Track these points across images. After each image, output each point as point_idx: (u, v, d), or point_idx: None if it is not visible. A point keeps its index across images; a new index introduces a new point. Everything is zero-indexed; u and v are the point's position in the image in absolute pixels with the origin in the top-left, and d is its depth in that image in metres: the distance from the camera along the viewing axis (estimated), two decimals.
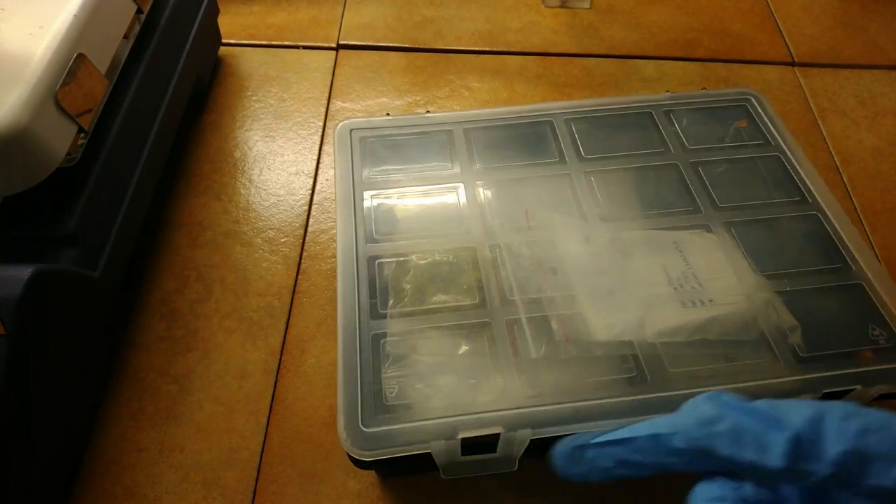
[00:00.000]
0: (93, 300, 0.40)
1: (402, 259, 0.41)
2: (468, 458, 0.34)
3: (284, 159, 0.58)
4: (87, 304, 0.40)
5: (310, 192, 0.56)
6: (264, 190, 0.56)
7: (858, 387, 0.35)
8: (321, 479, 0.41)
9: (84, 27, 0.39)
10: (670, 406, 0.31)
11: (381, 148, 0.47)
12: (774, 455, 0.25)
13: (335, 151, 0.47)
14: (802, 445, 0.25)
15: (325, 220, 0.54)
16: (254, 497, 0.40)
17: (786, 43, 0.69)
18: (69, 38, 0.38)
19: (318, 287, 0.49)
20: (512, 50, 0.68)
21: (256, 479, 0.41)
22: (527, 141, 0.48)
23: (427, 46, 0.68)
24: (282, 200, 0.55)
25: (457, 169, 0.47)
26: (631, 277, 0.40)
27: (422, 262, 0.40)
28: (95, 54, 0.40)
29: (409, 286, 0.39)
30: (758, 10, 0.73)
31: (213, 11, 0.61)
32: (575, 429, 0.33)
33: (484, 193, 0.45)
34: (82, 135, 0.39)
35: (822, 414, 0.25)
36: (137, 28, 0.48)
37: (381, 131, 0.48)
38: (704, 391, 0.30)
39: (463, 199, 0.45)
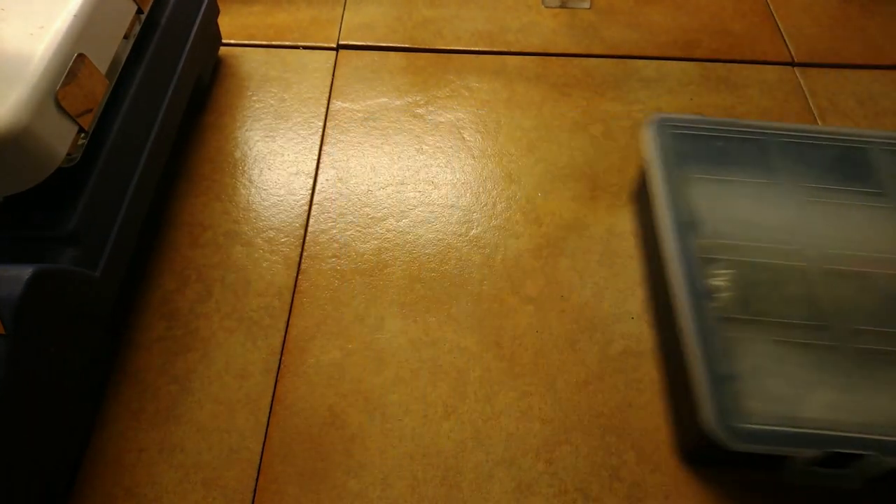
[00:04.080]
0: (93, 300, 0.40)
1: (733, 261, 0.41)
2: (822, 469, 0.36)
3: (284, 159, 0.58)
4: (87, 304, 0.40)
5: (310, 192, 0.56)
6: (264, 190, 0.56)
7: None
8: (321, 479, 0.41)
9: (84, 27, 0.39)
10: None
11: (694, 148, 0.47)
12: None
13: (651, 147, 0.46)
14: None
15: (325, 220, 0.54)
16: (254, 496, 0.40)
17: (785, 43, 0.69)
18: (69, 39, 0.38)
19: (319, 287, 0.49)
20: (512, 50, 0.68)
21: (257, 479, 0.41)
22: (839, 164, 0.46)
23: (427, 46, 0.68)
24: (282, 200, 0.55)
25: (779, 181, 0.46)
26: None
27: (748, 268, 0.40)
28: (96, 54, 0.40)
29: (730, 293, 0.39)
30: (758, 11, 0.73)
31: (214, 12, 0.61)
32: None
33: (807, 212, 0.44)
34: (83, 135, 0.39)
35: None
36: (138, 28, 0.48)
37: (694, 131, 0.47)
38: None
39: (790, 214, 0.44)
